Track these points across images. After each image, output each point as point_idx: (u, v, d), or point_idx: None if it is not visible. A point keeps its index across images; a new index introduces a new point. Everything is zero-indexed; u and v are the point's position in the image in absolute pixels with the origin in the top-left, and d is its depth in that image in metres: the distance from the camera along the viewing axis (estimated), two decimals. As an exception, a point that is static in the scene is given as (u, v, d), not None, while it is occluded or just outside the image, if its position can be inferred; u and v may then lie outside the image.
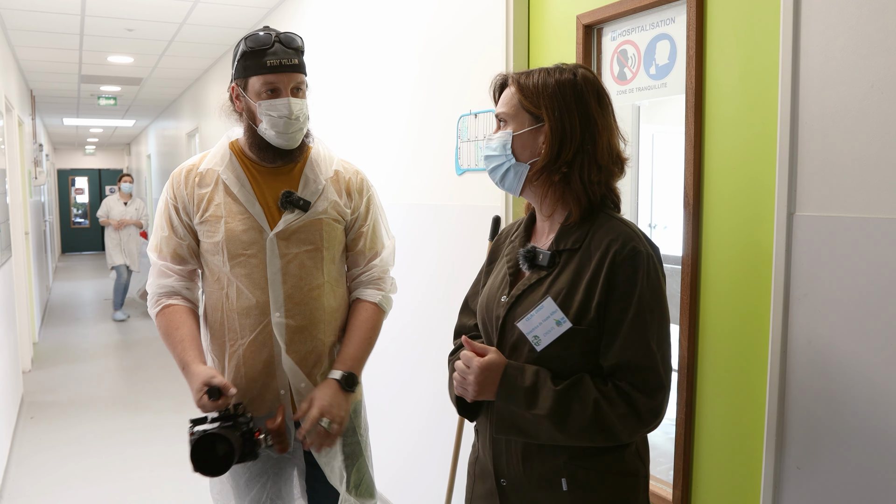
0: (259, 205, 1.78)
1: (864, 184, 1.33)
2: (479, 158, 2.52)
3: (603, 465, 1.30)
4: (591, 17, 2.00)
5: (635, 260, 1.24)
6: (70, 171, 18.10)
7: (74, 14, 4.85)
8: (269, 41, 1.70)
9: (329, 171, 1.85)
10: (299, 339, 1.79)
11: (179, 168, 1.85)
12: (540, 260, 1.33)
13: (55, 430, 4.58)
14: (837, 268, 1.37)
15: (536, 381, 1.26)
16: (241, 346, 1.79)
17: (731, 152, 1.63)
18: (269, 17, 4.92)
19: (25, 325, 5.98)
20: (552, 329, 1.27)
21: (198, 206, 1.79)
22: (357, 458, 1.89)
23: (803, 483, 1.46)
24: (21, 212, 5.99)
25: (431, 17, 2.86)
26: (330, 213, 1.82)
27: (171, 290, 1.83)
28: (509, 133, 1.35)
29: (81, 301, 10.11)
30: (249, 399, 1.79)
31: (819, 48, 1.40)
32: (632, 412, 1.23)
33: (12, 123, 5.81)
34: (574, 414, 1.23)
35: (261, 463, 1.83)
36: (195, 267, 1.86)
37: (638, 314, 1.23)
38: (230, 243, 1.76)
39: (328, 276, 1.83)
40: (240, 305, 1.78)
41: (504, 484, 1.38)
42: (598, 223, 1.31)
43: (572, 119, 1.30)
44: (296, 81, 1.73)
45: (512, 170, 1.36)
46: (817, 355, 1.42)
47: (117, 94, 8.61)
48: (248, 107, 1.76)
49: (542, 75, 1.33)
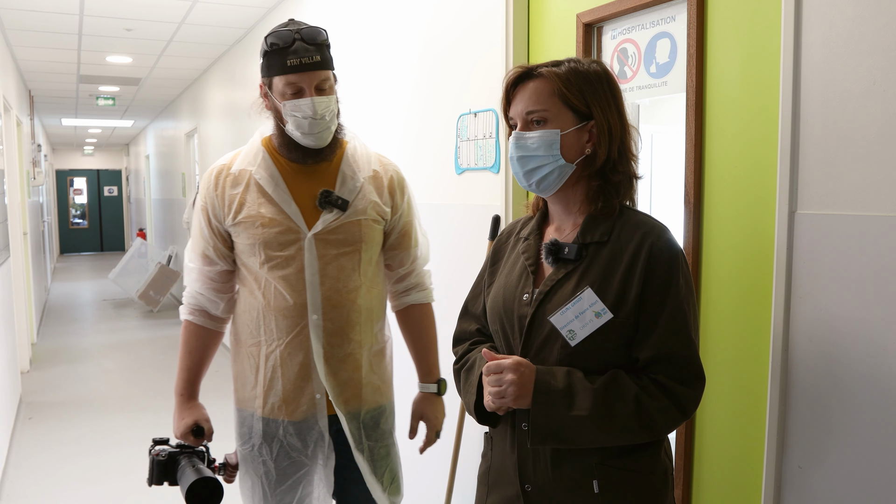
0: (295, 204, 1.73)
1: (865, 182, 1.32)
2: (479, 157, 2.52)
3: (637, 465, 1.27)
4: (591, 15, 1.99)
5: (671, 252, 1.24)
6: (68, 172, 18.09)
7: (73, 14, 4.85)
8: (290, 39, 1.64)
9: (368, 169, 1.80)
10: (336, 341, 1.75)
11: (211, 169, 1.82)
12: (566, 253, 1.29)
13: (53, 430, 4.57)
14: (839, 266, 1.37)
15: (571, 382, 1.22)
16: (279, 348, 1.75)
17: (731, 150, 1.63)
18: (268, 16, 4.92)
19: (24, 326, 5.97)
20: (591, 321, 1.23)
21: (230, 208, 1.75)
22: (390, 458, 1.88)
23: (805, 482, 1.45)
24: (19, 212, 5.98)
25: (431, 17, 2.86)
26: (370, 214, 1.77)
27: (195, 305, 1.83)
28: (556, 132, 1.27)
29: (80, 302, 10.10)
30: (285, 402, 1.76)
31: (820, 46, 1.39)
32: (673, 405, 1.21)
33: (10, 124, 5.80)
34: (616, 411, 1.20)
35: (292, 464, 1.79)
36: (225, 268, 1.81)
37: (677, 306, 1.22)
38: (266, 245, 1.71)
39: (365, 278, 1.79)
40: (276, 307, 1.73)
41: (529, 489, 1.33)
42: (623, 217, 1.30)
43: (613, 114, 1.29)
44: (319, 79, 1.67)
45: (557, 171, 1.29)
46: (819, 353, 1.41)
47: (116, 95, 8.60)
48: (274, 106, 1.72)
49: (573, 66, 1.28)
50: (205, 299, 1.82)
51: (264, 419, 1.77)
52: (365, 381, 1.80)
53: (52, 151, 16.36)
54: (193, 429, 1.79)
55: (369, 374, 1.81)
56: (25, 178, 6.86)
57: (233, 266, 1.82)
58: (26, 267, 6.51)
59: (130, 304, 9.62)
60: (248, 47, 5.52)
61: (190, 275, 1.83)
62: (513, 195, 2.36)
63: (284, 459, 1.77)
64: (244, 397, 1.82)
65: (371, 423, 1.82)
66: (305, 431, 1.77)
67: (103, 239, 18.53)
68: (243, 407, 1.83)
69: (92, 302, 10.04)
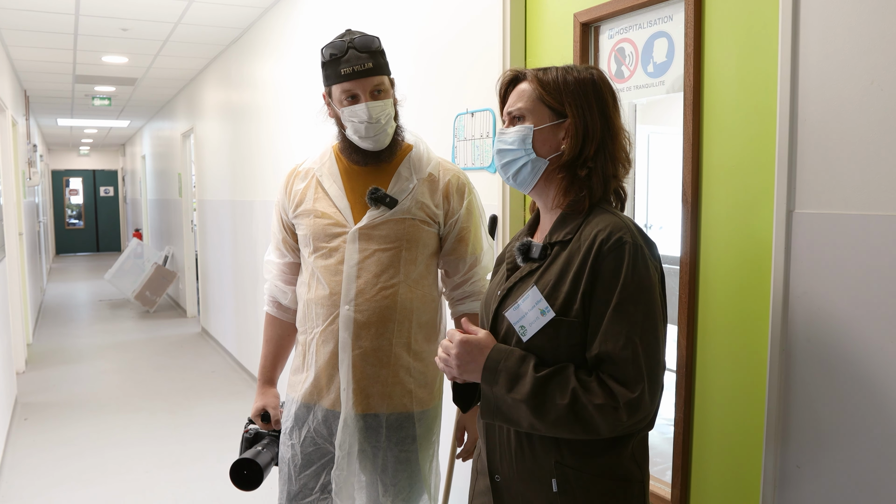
0: (347, 200, 1.84)
1: (863, 181, 1.32)
2: (476, 157, 2.51)
3: (594, 468, 1.28)
4: (589, 15, 1.99)
5: (620, 250, 1.22)
6: (64, 172, 18.04)
7: (68, 13, 4.83)
8: (344, 48, 1.74)
9: (424, 171, 1.86)
10: (365, 333, 1.79)
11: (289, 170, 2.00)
12: (532, 252, 1.34)
13: (49, 431, 4.56)
14: (837, 265, 1.37)
15: (520, 366, 1.26)
16: (315, 335, 1.85)
17: (729, 150, 1.63)
18: (265, 16, 4.91)
19: (19, 327, 5.96)
20: (537, 319, 1.27)
21: (292, 201, 1.91)
22: (411, 465, 1.87)
23: (803, 482, 1.45)
24: (15, 213, 5.96)
25: (428, 16, 2.85)
26: (416, 214, 1.81)
27: (270, 296, 2.03)
28: (530, 128, 1.33)
29: (76, 302, 10.07)
30: (317, 388, 1.86)
31: (818, 45, 1.39)
32: (609, 404, 1.19)
33: (6, 124, 5.79)
34: (551, 401, 1.22)
35: (317, 450, 1.88)
36: (292, 260, 1.99)
37: (620, 305, 1.21)
38: (315, 236, 1.84)
39: (405, 276, 1.81)
40: (316, 295, 1.84)
41: (498, 480, 1.38)
42: (591, 216, 1.30)
43: (593, 116, 1.30)
44: (373, 85, 1.76)
45: (529, 164, 1.34)
46: (817, 353, 1.41)
47: (112, 95, 8.58)
48: (335, 113, 1.83)
49: (560, 72, 1.33)
50: (277, 290, 2.01)
51: (302, 404, 1.88)
52: (394, 381, 1.81)
53: (48, 152, 16.31)
54: (262, 413, 2.00)
55: (403, 375, 1.82)
56: (21, 179, 6.84)
57: (299, 259, 1.97)
58: (22, 267, 6.49)
59: (126, 304, 9.60)
60: (244, 47, 5.51)
61: (266, 267, 2.04)
62: (510, 195, 2.36)
63: (310, 445, 1.88)
64: (292, 382, 1.95)
65: (395, 424, 1.83)
66: (332, 420, 1.84)
67: (99, 239, 18.48)
68: (290, 392, 1.94)
69: (88, 302, 10.02)
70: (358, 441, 1.82)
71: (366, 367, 1.80)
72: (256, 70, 5.25)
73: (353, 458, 1.82)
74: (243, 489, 1.88)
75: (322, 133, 2.20)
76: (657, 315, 1.24)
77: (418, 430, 1.86)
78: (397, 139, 1.85)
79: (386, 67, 1.80)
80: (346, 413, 1.80)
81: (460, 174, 1.90)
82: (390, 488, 1.85)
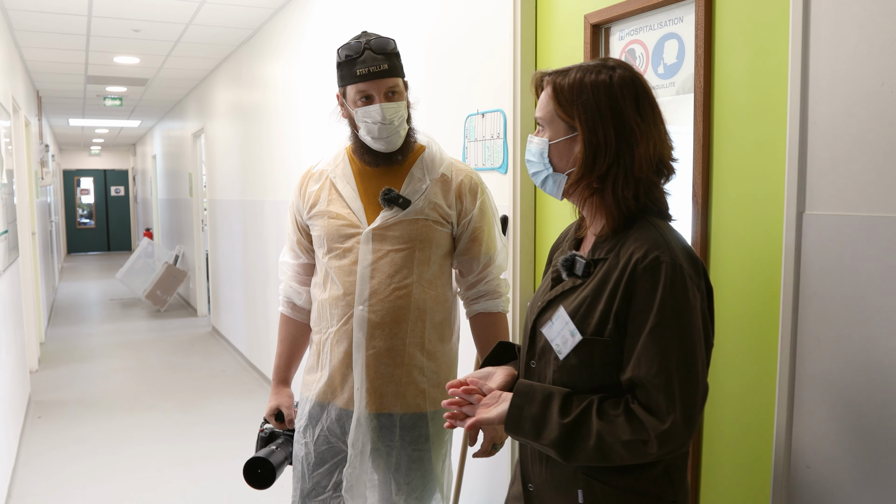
0: (360, 201, 1.85)
1: (873, 182, 1.32)
2: (487, 158, 2.52)
3: (621, 484, 1.23)
4: (599, 16, 2.00)
5: (656, 270, 1.15)
6: (75, 172, 18.15)
7: (81, 15, 4.87)
8: (360, 49, 1.75)
9: (436, 172, 1.87)
10: (379, 333, 1.80)
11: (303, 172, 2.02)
12: (577, 269, 1.28)
13: (62, 429, 4.60)
14: (847, 266, 1.37)
15: (545, 411, 1.22)
16: (330, 335, 1.87)
17: (739, 151, 1.63)
18: (275, 17, 4.93)
19: (32, 325, 6.00)
20: (568, 340, 1.24)
21: (306, 203, 1.93)
22: (425, 464, 1.88)
23: (813, 482, 1.45)
24: (28, 212, 6.01)
25: (438, 17, 2.86)
26: (429, 214, 1.82)
27: (285, 296, 2.05)
28: (546, 142, 1.28)
29: (87, 301, 10.14)
30: (331, 387, 1.87)
31: (828, 46, 1.40)
32: (638, 439, 1.14)
33: (19, 124, 5.84)
34: (578, 444, 1.19)
35: (330, 448, 1.90)
36: (307, 261, 2.00)
37: (655, 328, 1.14)
38: (329, 237, 1.86)
39: (419, 276, 1.82)
40: (331, 295, 1.86)
41: (531, 489, 1.36)
42: (632, 232, 1.23)
43: (606, 128, 1.21)
44: (388, 86, 1.77)
45: (550, 178, 1.30)
46: (827, 354, 1.42)
47: (123, 95, 8.63)
48: (349, 113, 1.84)
49: (579, 76, 1.24)
50: (292, 291, 2.03)
51: (316, 403, 1.90)
52: (407, 380, 1.83)
53: (60, 151, 16.42)
54: (276, 413, 2.02)
55: (417, 375, 1.84)
56: (33, 179, 6.90)
57: (314, 260, 1.98)
58: (35, 267, 6.54)
59: (138, 303, 9.66)
60: (254, 47, 5.54)
61: (281, 268, 2.06)
62: (521, 195, 2.37)
63: (323, 444, 1.90)
64: (306, 381, 1.96)
65: (409, 424, 1.85)
66: (345, 418, 1.85)
67: (110, 239, 18.59)
68: (304, 391, 1.96)
69: (99, 301, 10.09)
70: (371, 440, 1.83)
71: (379, 367, 1.81)
72: (267, 70, 5.28)
73: (365, 457, 1.84)
74: (256, 487, 1.91)
75: (333, 133, 2.22)
76: (696, 339, 1.16)
77: (431, 430, 1.87)
78: (410, 140, 1.86)
79: (401, 70, 1.82)
80: (360, 412, 1.81)
81: (473, 174, 1.91)
82: (403, 487, 1.86)
